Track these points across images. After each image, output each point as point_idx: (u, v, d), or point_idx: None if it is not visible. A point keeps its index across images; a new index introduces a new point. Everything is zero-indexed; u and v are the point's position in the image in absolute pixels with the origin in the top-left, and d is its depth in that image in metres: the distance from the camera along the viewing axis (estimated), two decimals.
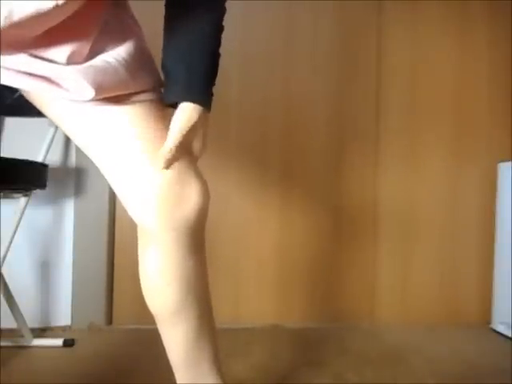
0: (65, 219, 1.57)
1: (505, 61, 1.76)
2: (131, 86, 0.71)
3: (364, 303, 1.71)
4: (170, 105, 0.75)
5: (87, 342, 1.43)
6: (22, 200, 1.34)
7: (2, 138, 1.51)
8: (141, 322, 1.50)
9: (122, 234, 1.62)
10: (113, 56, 0.70)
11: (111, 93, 0.69)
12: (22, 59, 0.65)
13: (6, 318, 1.37)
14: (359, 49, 1.72)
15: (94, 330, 1.55)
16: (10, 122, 1.50)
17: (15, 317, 1.35)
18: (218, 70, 0.76)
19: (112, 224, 1.62)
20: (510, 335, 1.54)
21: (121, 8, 0.77)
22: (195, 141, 0.75)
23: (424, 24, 1.73)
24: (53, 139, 1.42)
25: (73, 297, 1.56)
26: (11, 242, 1.33)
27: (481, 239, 1.74)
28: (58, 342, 1.38)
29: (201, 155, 0.77)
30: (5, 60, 0.65)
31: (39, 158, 1.38)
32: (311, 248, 1.69)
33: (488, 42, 1.75)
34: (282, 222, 1.68)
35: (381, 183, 1.72)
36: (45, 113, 0.75)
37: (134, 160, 0.70)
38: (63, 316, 1.56)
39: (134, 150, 0.70)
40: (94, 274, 1.58)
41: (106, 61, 0.69)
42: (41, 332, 1.50)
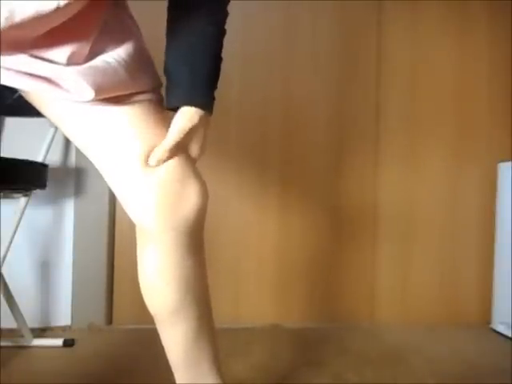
0: (65, 219, 1.57)
1: (505, 61, 1.76)
2: (130, 86, 0.71)
3: (364, 303, 1.71)
4: (170, 108, 0.74)
5: (87, 342, 1.43)
6: (22, 200, 1.34)
7: (2, 138, 1.51)
8: (141, 322, 1.50)
9: (122, 233, 1.62)
10: (112, 56, 0.70)
11: (111, 93, 0.69)
12: (22, 59, 0.65)
13: (6, 318, 1.37)
14: (359, 49, 1.72)
15: (93, 330, 1.55)
16: (10, 122, 1.50)
17: (15, 317, 1.35)
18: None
19: (112, 224, 1.62)
20: (510, 335, 1.54)
21: (120, 8, 0.77)
22: (194, 142, 0.74)
23: (424, 24, 1.73)
24: (53, 139, 1.42)
25: (73, 297, 1.57)
26: (11, 242, 1.33)
27: (481, 239, 1.74)
28: (58, 341, 1.38)
29: (200, 157, 0.77)
30: (5, 60, 0.64)
31: (39, 158, 1.38)
32: (311, 248, 1.69)
33: (488, 42, 1.75)
34: (282, 223, 1.68)
35: (381, 183, 1.72)
36: (44, 113, 0.74)
37: (133, 160, 0.70)
38: (63, 316, 1.56)
39: (134, 150, 0.70)
40: (94, 273, 1.58)
41: (105, 61, 0.69)
42: (41, 332, 1.50)
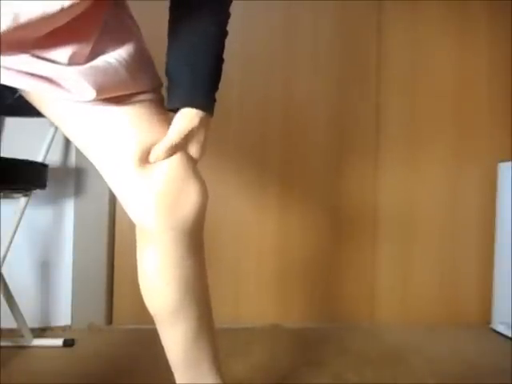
0: (65, 219, 1.57)
1: (505, 61, 1.76)
2: (131, 86, 0.71)
3: (364, 303, 1.71)
4: (171, 108, 0.74)
5: (87, 342, 1.43)
6: (22, 200, 1.34)
7: (2, 137, 1.51)
8: (141, 322, 1.50)
9: (122, 233, 1.62)
10: (113, 56, 0.70)
11: (112, 93, 0.69)
12: (23, 59, 0.65)
13: (6, 318, 1.37)
14: (359, 49, 1.72)
15: (93, 330, 1.55)
16: (10, 122, 1.50)
17: (15, 317, 1.35)
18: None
19: (112, 224, 1.62)
20: (510, 335, 1.54)
21: (120, 8, 0.77)
22: (194, 143, 0.74)
23: (424, 24, 1.73)
24: (53, 139, 1.42)
25: (73, 297, 1.56)
26: (11, 242, 1.33)
27: (481, 239, 1.74)
28: (58, 342, 1.38)
29: (200, 157, 0.76)
30: (6, 60, 0.64)
31: (39, 158, 1.38)
32: (311, 248, 1.69)
33: (488, 42, 1.75)
34: (282, 223, 1.68)
35: (381, 182, 1.71)
36: (45, 113, 0.74)
37: (133, 160, 0.70)
38: (63, 316, 1.56)
39: (134, 150, 0.70)
40: (94, 273, 1.58)
41: (106, 61, 0.69)
42: (41, 332, 1.50)
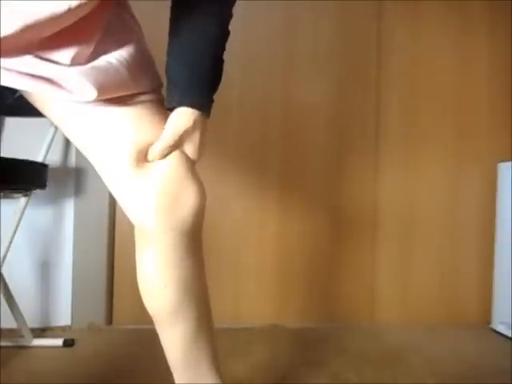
0: (65, 219, 1.57)
1: (505, 61, 1.76)
2: (132, 86, 0.71)
3: (364, 303, 1.71)
4: (170, 108, 0.74)
5: (87, 342, 1.43)
6: (22, 200, 1.34)
7: (2, 137, 1.51)
8: (141, 322, 1.50)
9: (122, 233, 1.62)
10: (114, 57, 0.69)
11: (113, 93, 0.69)
12: (25, 60, 0.65)
13: (6, 318, 1.37)
14: (359, 49, 1.72)
15: (93, 330, 1.55)
16: (10, 122, 1.50)
17: (15, 317, 1.35)
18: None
19: (112, 224, 1.62)
20: (510, 335, 1.54)
21: (122, 7, 0.77)
22: (190, 144, 0.73)
23: (424, 24, 1.73)
24: (53, 139, 1.42)
25: (73, 297, 1.56)
26: (11, 242, 1.33)
27: (481, 239, 1.74)
28: (58, 341, 1.38)
29: (198, 159, 0.76)
30: (8, 61, 0.64)
31: (39, 158, 1.38)
32: (310, 248, 1.69)
33: (488, 42, 1.75)
34: (282, 224, 1.68)
35: (381, 182, 1.71)
36: (46, 114, 0.74)
37: (133, 161, 0.69)
38: (63, 316, 1.56)
39: (134, 151, 0.70)
40: (94, 273, 1.58)
41: (107, 61, 0.69)
42: (41, 332, 1.50)
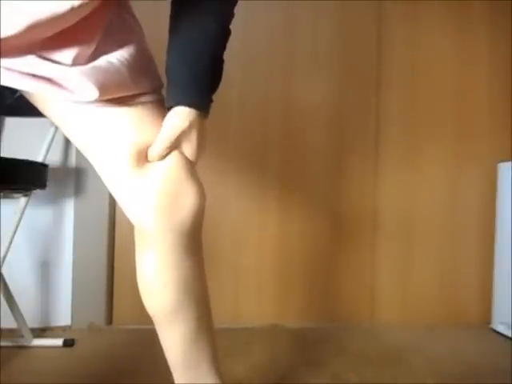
0: (65, 219, 1.57)
1: (505, 61, 1.76)
2: (133, 87, 0.71)
3: (364, 303, 1.71)
4: (169, 108, 0.74)
5: (87, 342, 1.43)
6: (22, 200, 1.34)
7: (2, 137, 1.51)
8: (141, 322, 1.49)
9: (122, 233, 1.62)
10: (115, 57, 0.69)
11: (114, 94, 0.69)
12: (27, 61, 0.64)
13: (6, 318, 1.37)
14: (359, 49, 1.72)
15: (93, 330, 1.55)
16: (10, 122, 1.50)
17: (15, 317, 1.35)
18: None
19: (112, 224, 1.62)
20: (510, 335, 1.54)
21: (122, 7, 0.76)
22: (188, 144, 0.72)
23: (424, 24, 1.73)
24: (53, 139, 1.42)
25: (73, 297, 1.56)
26: (11, 242, 1.33)
27: (481, 239, 1.74)
28: (58, 341, 1.38)
29: (198, 159, 0.75)
30: (9, 61, 0.64)
31: (39, 158, 1.38)
32: (310, 249, 1.69)
33: (488, 42, 1.75)
34: (282, 224, 1.68)
35: (380, 183, 1.71)
36: (46, 114, 0.74)
37: (133, 162, 0.69)
38: (63, 316, 1.56)
39: (134, 152, 0.69)
40: (94, 273, 1.58)
41: (108, 61, 0.68)
42: (41, 332, 1.50)
